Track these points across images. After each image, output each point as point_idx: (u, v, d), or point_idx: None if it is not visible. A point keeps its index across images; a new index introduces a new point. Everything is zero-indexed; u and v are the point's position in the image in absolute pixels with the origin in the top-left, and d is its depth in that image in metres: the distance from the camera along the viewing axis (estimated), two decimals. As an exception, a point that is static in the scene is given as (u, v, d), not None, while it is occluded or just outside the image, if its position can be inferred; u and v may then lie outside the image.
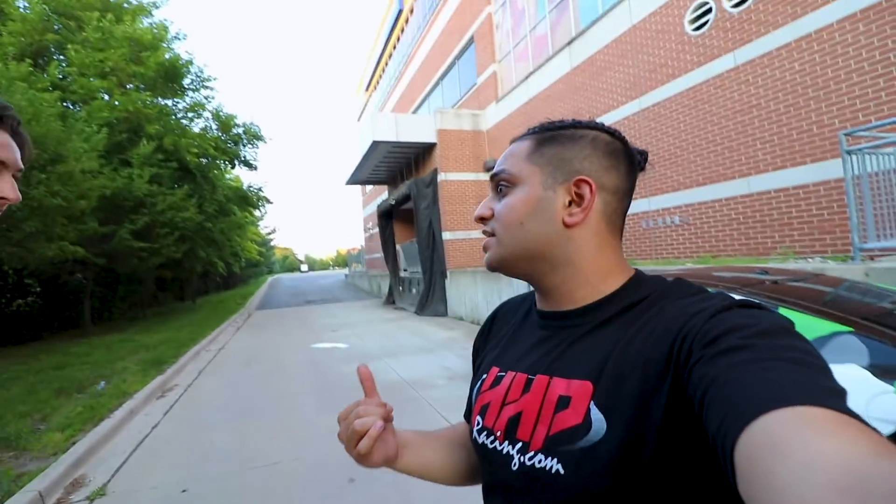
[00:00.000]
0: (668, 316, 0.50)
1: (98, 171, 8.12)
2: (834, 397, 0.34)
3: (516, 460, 0.55)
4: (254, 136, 15.45)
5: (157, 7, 12.67)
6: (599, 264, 0.59)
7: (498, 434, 0.59)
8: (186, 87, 13.10)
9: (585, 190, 0.58)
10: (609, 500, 0.47)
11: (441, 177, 12.69)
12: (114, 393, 5.40)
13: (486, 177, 13.34)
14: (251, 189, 17.05)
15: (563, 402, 0.53)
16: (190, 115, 13.51)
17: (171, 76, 11.95)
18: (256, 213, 19.94)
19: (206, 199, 13.32)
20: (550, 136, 0.61)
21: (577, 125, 0.61)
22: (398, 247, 16.36)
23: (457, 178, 12.90)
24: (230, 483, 3.23)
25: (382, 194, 19.60)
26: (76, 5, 10.57)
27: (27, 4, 9.99)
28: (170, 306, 19.71)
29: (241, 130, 15.16)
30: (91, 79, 10.30)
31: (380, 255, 18.58)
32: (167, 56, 11.73)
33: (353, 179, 17.75)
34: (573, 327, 0.58)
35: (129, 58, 10.78)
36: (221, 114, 14.42)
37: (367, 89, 29.32)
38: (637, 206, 8.13)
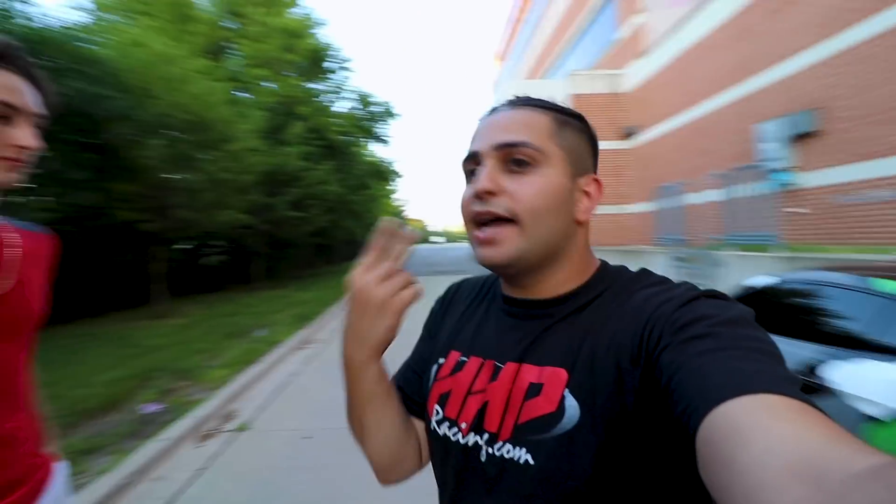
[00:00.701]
0: (637, 303, 0.50)
1: (259, 149, 9.36)
2: (793, 386, 0.35)
3: (483, 451, 0.53)
4: (388, 113, 16.31)
5: (300, -2, 13.95)
6: (584, 259, 0.59)
7: (462, 426, 0.56)
8: (329, 70, 14.29)
9: (594, 187, 0.57)
10: (582, 489, 0.46)
11: (572, 146, 11.80)
12: (267, 340, 6.24)
13: (626, 145, 12.00)
14: (385, 163, 18.17)
15: (535, 390, 0.51)
16: (332, 96, 14.75)
17: (317, 61, 13.14)
18: (390, 186, 21.30)
19: (347, 174, 14.58)
20: (564, 119, 0.57)
21: (578, 117, 0.59)
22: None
23: None
24: (347, 438, 3.39)
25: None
26: (242, 1, 12.17)
27: (206, 7, 11.81)
28: (323, 269, 22.45)
29: (377, 108, 16.12)
30: (256, 68, 11.85)
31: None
32: (313, 42, 12.86)
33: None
34: (545, 316, 0.56)
35: (283, 47, 12.12)
36: (359, 93, 15.48)
37: (497, 57, 28.70)
38: (829, 176, 6.40)
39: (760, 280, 2.80)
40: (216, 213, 8.11)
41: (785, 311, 2.57)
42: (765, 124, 7.23)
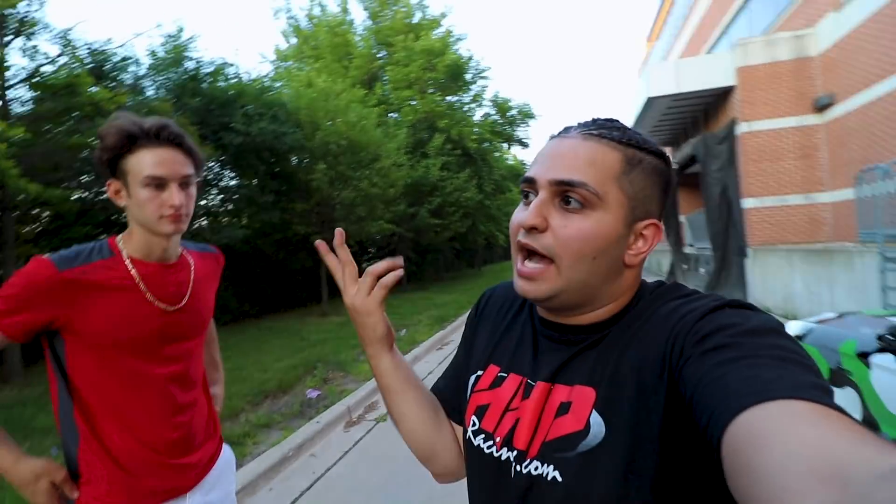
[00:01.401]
0: (661, 317, 0.50)
1: (404, 164, 10.28)
2: (816, 391, 0.34)
3: (513, 468, 0.55)
4: (527, 115, 16.28)
5: (444, 17, 14.82)
6: (629, 294, 0.57)
7: (497, 440, 0.58)
8: (468, 81, 14.89)
9: (651, 231, 0.55)
10: None
11: (742, 128, 10.05)
12: (408, 339, 6.79)
13: (816, 120, 9.78)
14: (525, 166, 18.12)
15: (564, 408, 0.52)
16: (472, 105, 15.33)
17: (456, 74, 13.83)
18: (530, 189, 21.12)
19: (485, 180, 15.00)
20: (639, 158, 0.54)
21: (655, 151, 0.55)
22: (682, 218, 14.22)
23: (767, 126, 9.92)
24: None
25: (662, 158, 17.30)
26: (391, 32, 13.52)
27: (363, 43, 13.44)
28: (462, 272, 23.44)
29: (515, 112, 16.20)
30: (402, 90, 13.03)
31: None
32: (452, 58, 13.58)
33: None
34: (581, 341, 0.56)
35: (424, 66, 13.08)
36: (498, 99, 15.77)
37: (649, 39, 26.19)
38: None
39: None
40: (368, 224, 9.18)
41: None
42: None
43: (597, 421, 0.49)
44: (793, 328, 3.70)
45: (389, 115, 13.44)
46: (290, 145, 7.56)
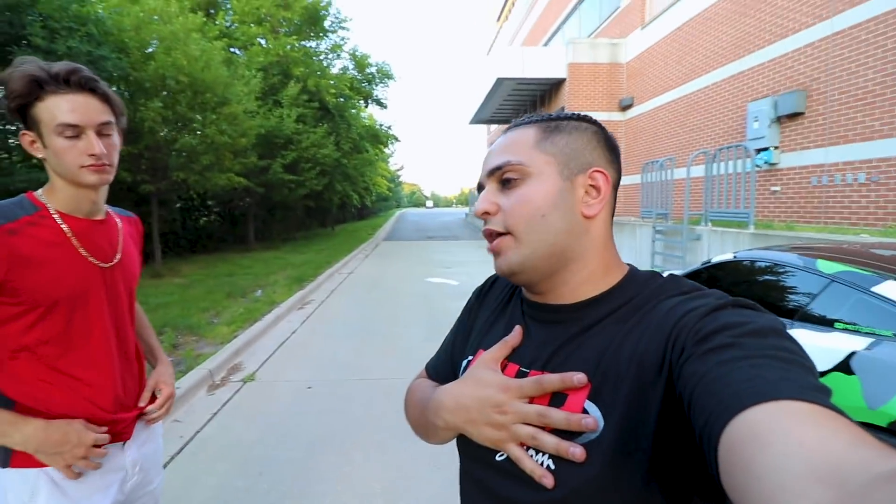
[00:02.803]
0: (663, 313, 0.50)
1: (255, 111, 9.34)
2: (818, 393, 0.34)
3: (502, 452, 0.54)
4: (385, 75, 16.05)
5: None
6: (605, 258, 0.59)
7: None
8: (327, 29, 13.95)
9: (600, 180, 0.57)
10: (602, 498, 0.47)
11: (567, 116, 11.81)
12: (266, 300, 6.54)
13: (620, 117, 12.07)
14: (381, 127, 18.01)
15: (559, 399, 0.52)
16: (330, 56, 14.46)
17: (314, 19, 12.82)
18: (386, 150, 21.15)
19: (343, 137, 14.53)
20: (555, 125, 0.59)
21: (575, 117, 0.60)
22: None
23: None
24: (343, 388, 3.78)
25: (505, 134, 19.06)
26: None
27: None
28: (314, 231, 22.57)
29: (374, 70, 15.84)
30: (250, 25, 11.57)
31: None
32: (310, 0, 12.51)
33: (477, 118, 17.56)
34: (569, 322, 0.57)
35: (279, 3, 11.79)
36: (357, 54, 15.17)
37: (497, 20, 27.86)
38: (807, 157, 6.67)
39: (721, 256, 3.12)
40: (213, 176, 8.23)
41: (738, 285, 2.90)
42: (756, 103, 7.41)
43: (593, 412, 0.49)
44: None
45: (234, 52, 11.86)
46: (110, 73, 6.23)
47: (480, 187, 0.62)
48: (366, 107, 17.25)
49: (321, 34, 13.89)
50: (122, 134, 1.05)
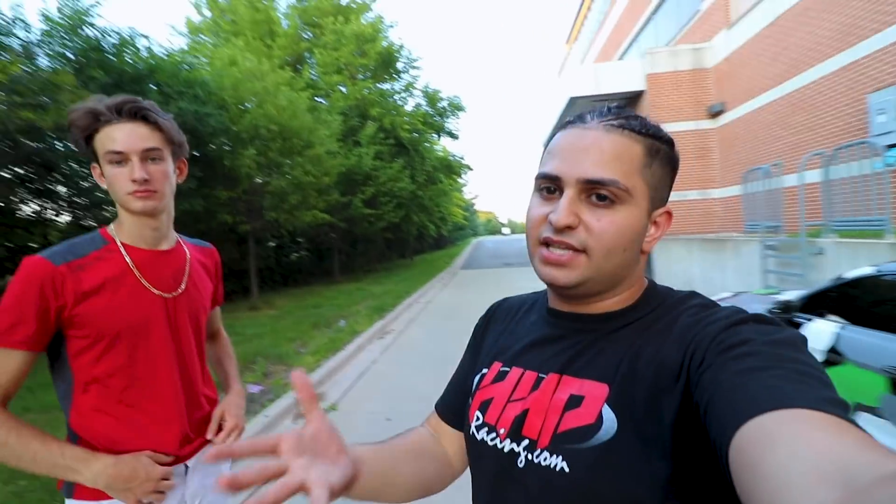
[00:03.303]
0: (683, 324, 0.51)
1: (337, 151, 10.00)
2: (833, 406, 0.34)
3: (522, 458, 0.54)
4: (456, 108, 16.53)
5: (375, 1, 14.51)
6: (639, 282, 0.60)
7: (501, 432, 0.58)
8: (399, 70, 14.77)
9: (664, 218, 0.58)
10: (616, 500, 0.47)
11: (648, 129, 11.14)
12: (349, 330, 6.74)
13: (710, 125, 11.13)
14: (454, 158, 18.42)
15: (575, 402, 0.52)
16: (403, 94, 15.25)
17: (387, 62, 13.66)
18: (459, 180, 21.54)
19: (417, 170, 15.07)
20: (657, 149, 0.55)
21: (669, 141, 0.57)
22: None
23: (670, 129, 10.09)
24: (421, 420, 3.67)
25: (581, 154, 18.47)
26: (317, 13, 12.97)
27: (287, 22, 12.75)
28: (394, 262, 23.37)
29: (445, 104, 16.38)
30: (332, 74, 12.60)
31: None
32: (384, 45, 13.38)
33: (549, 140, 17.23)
34: (591, 331, 0.57)
35: (355, 52, 12.76)
36: (428, 90, 15.83)
37: (567, 41, 27.67)
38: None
39: (857, 271, 2.58)
40: (301, 214, 8.86)
41: (882, 304, 2.36)
42: (878, 94, 6.38)
43: (609, 416, 0.49)
44: (698, 306, 4.29)
45: (318, 100, 12.95)
46: (213, 128, 7.04)
47: (552, 180, 0.55)
48: (438, 139, 17.82)
49: (395, 75, 14.74)
50: (183, 164, 1.05)
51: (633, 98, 12.25)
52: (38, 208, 6.32)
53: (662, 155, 0.55)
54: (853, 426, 0.32)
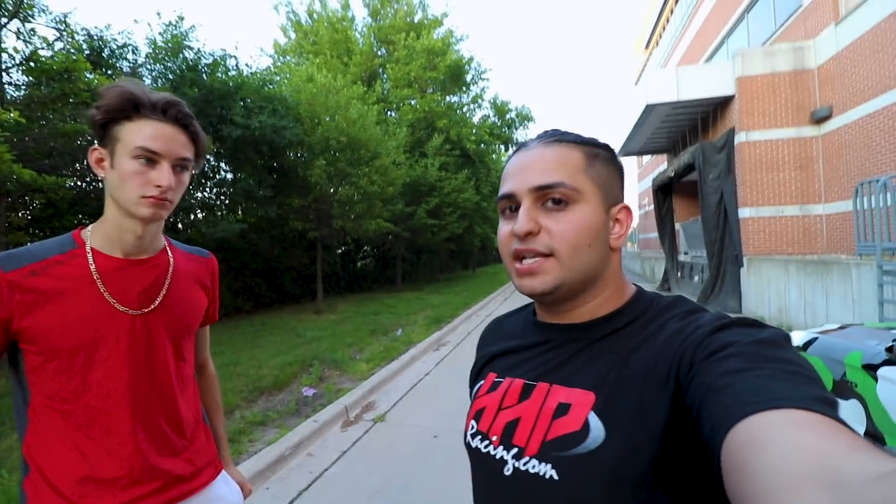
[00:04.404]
0: (670, 332, 0.52)
1: (403, 162, 10.21)
2: (823, 404, 0.35)
3: (510, 465, 0.55)
4: (525, 119, 16.30)
5: (446, 16, 14.78)
6: (617, 282, 0.61)
7: (493, 439, 0.59)
8: (468, 82, 14.86)
9: (624, 214, 0.60)
10: None
11: (740, 137, 10.12)
12: (404, 340, 6.73)
13: (813, 132, 9.89)
14: (521, 169, 18.16)
15: (563, 409, 0.53)
16: (471, 106, 15.32)
17: (457, 75, 13.81)
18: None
19: (482, 182, 14.97)
20: (595, 153, 0.59)
21: (605, 146, 0.61)
22: (677, 225, 14.28)
23: (765, 136, 10.00)
24: (469, 442, 3.48)
25: (662, 165, 17.38)
26: (391, 31, 13.46)
27: (363, 40, 13.36)
28: (457, 273, 23.42)
29: (514, 115, 16.20)
30: (402, 88, 12.97)
31: (654, 234, 16.65)
32: (453, 58, 13.55)
33: (625, 150, 16.32)
34: (579, 339, 0.58)
35: (425, 66, 13.03)
36: (497, 102, 15.77)
37: (646, 47, 26.33)
38: None
39: None
40: (366, 222, 9.11)
41: None
42: None
43: (596, 424, 0.50)
44: (797, 338, 3.70)
45: (388, 113, 13.37)
46: (289, 140, 7.46)
47: (509, 199, 0.60)
48: (506, 151, 17.64)
49: (463, 88, 14.86)
50: (194, 178, 0.99)
51: (720, 104, 11.26)
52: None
53: (602, 157, 0.60)
54: (842, 425, 0.32)
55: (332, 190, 8.55)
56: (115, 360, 0.86)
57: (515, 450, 0.55)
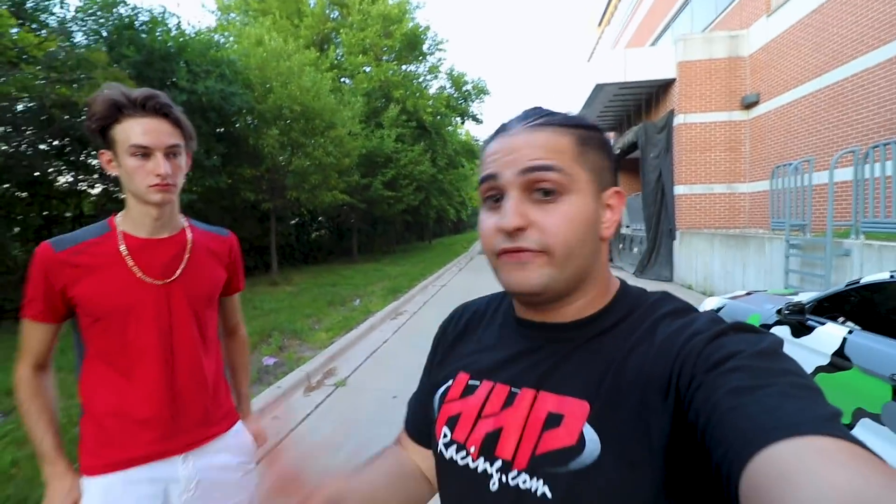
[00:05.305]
0: (664, 335, 0.49)
1: (358, 133, 10.08)
2: (834, 423, 0.34)
3: (495, 479, 0.51)
4: (481, 91, 16.34)
5: (403, -20, 14.35)
6: (604, 277, 0.57)
7: (472, 450, 0.54)
8: (425, 52, 14.64)
9: (616, 199, 0.55)
10: None
11: (678, 119, 10.81)
12: (362, 310, 6.90)
13: (743, 116, 10.73)
14: (477, 142, 18.30)
15: (554, 420, 0.49)
16: (428, 77, 15.14)
17: (413, 45, 13.55)
18: (481, 165, 21.39)
19: (439, 154, 15.04)
20: (588, 136, 0.53)
21: (596, 128, 0.55)
22: (620, 200, 15.06)
23: (700, 119, 10.75)
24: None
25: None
26: (346, -8, 12.93)
27: (314, 1, 12.75)
28: (413, 244, 23.55)
29: (470, 87, 16.20)
30: (357, 55, 12.60)
31: (599, 208, 17.45)
32: (409, 26, 13.26)
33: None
34: (565, 341, 0.54)
35: (381, 33, 12.69)
36: (454, 73, 15.67)
37: (599, 24, 26.78)
38: None
39: (874, 276, 2.52)
40: (321, 193, 9.01)
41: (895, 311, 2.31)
42: (924, 88, 6.05)
43: (591, 437, 0.46)
44: (710, 303, 4.25)
45: (342, 80, 12.98)
46: (238, 106, 7.18)
47: (492, 181, 0.53)
48: (462, 123, 17.69)
49: (420, 58, 14.64)
50: (189, 156, 1.10)
51: (663, 86, 11.88)
52: (72, 179, 6.61)
53: (594, 141, 0.54)
54: (869, 454, 0.32)
55: (284, 161, 8.36)
56: (144, 322, 1.03)
57: (500, 463, 0.51)
